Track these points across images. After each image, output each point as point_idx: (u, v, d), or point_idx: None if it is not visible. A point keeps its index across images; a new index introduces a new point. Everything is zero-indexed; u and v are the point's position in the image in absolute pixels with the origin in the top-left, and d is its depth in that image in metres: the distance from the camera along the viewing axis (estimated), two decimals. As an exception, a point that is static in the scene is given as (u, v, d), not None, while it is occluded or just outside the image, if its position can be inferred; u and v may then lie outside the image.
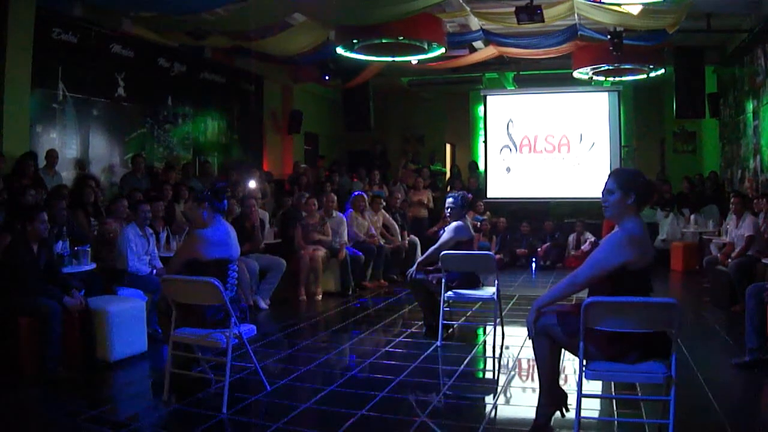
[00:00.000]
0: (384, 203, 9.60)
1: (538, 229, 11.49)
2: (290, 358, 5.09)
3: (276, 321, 6.55)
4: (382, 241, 8.95)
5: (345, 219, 8.48)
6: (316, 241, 7.95)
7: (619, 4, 7.25)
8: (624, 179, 3.12)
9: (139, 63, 8.87)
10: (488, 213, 11.66)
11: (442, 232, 5.89)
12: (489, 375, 4.93)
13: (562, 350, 3.26)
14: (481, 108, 13.55)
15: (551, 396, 3.28)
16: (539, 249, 10.99)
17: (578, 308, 2.99)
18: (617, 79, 10.88)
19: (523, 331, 4.38)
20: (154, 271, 5.90)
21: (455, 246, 5.58)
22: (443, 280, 5.38)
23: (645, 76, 10.45)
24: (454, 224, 5.72)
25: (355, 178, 11.56)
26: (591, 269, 3.05)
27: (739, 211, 7.14)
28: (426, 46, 8.48)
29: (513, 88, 13.22)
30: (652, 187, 3.27)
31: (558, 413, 3.31)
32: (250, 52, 9.62)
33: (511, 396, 4.23)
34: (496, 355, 5.28)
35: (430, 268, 5.71)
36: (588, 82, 11.25)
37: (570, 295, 3.20)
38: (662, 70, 10.17)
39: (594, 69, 10.08)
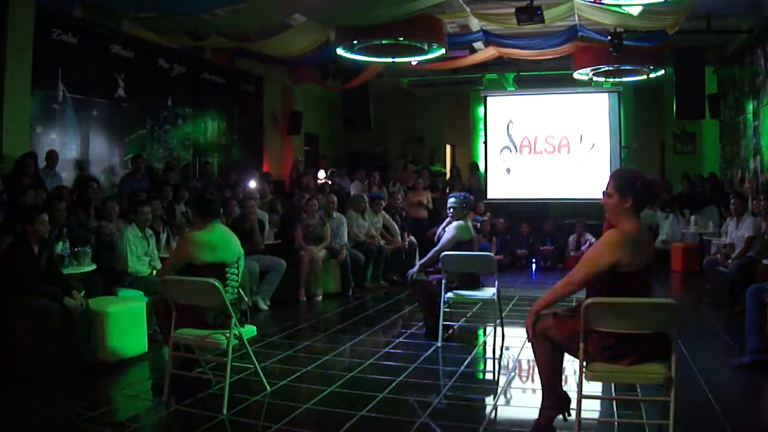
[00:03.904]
0: (384, 204, 9.60)
1: (538, 230, 11.49)
2: (290, 358, 5.09)
3: (276, 322, 6.55)
4: (382, 242, 8.95)
5: (345, 220, 8.48)
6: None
7: (619, 5, 7.25)
8: (622, 182, 3.12)
9: (139, 64, 8.86)
10: (488, 214, 11.65)
11: (442, 231, 5.89)
12: (489, 376, 4.93)
13: (564, 353, 3.26)
14: (481, 109, 13.54)
15: (554, 399, 3.27)
16: (541, 249, 11.00)
17: (576, 311, 2.99)
18: (617, 80, 10.87)
19: (523, 332, 4.38)
20: (154, 272, 5.90)
21: (456, 246, 5.58)
22: (443, 281, 5.38)
23: (645, 77, 10.44)
24: (455, 223, 5.73)
25: (355, 179, 11.56)
26: (584, 268, 3.07)
27: (739, 212, 7.14)
28: (426, 47, 8.47)
29: (513, 89, 13.23)
30: (653, 188, 3.26)
31: (560, 416, 3.31)
32: (249, 52, 9.62)
33: (511, 397, 4.23)
34: (497, 356, 5.28)
35: (431, 269, 5.71)
36: (588, 83, 11.25)
37: (567, 296, 3.20)
38: (662, 71, 10.17)
39: (594, 70, 10.08)
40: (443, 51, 8.59)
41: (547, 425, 3.28)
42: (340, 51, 8.57)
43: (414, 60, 9.16)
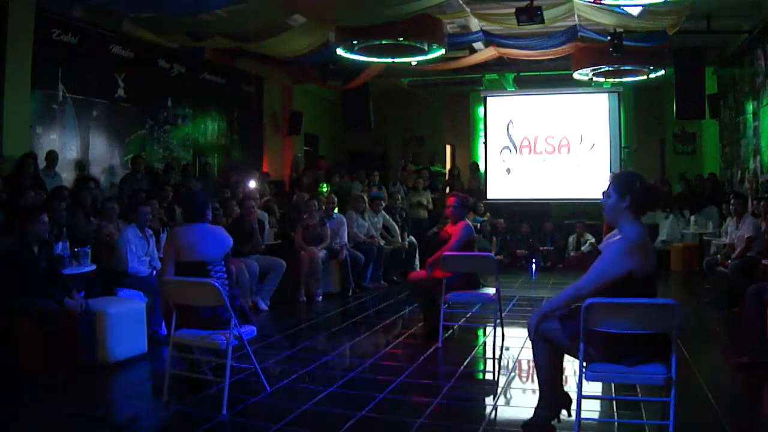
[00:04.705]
0: (384, 204, 9.60)
1: (538, 230, 11.50)
2: (290, 359, 5.09)
3: (276, 322, 6.55)
4: (381, 243, 8.95)
5: (345, 220, 8.48)
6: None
7: (619, 5, 7.25)
8: (621, 183, 3.11)
9: (139, 64, 8.87)
10: (488, 214, 11.66)
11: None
12: (489, 376, 4.93)
13: (563, 354, 3.26)
14: (481, 109, 13.55)
15: (552, 399, 3.28)
16: (541, 249, 11.01)
17: (577, 312, 3.00)
18: (617, 80, 10.87)
19: (523, 332, 4.39)
20: (154, 272, 5.89)
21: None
22: (444, 281, 5.38)
23: (645, 77, 10.45)
24: (463, 224, 5.76)
25: (354, 179, 11.56)
26: (595, 279, 3.03)
27: (739, 212, 7.14)
28: (426, 48, 8.48)
29: (513, 89, 13.22)
30: (652, 192, 3.19)
31: (561, 415, 3.33)
32: (249, 53, 9.62)
33: (511, 397, 4.23)
34: (496, 356, 5.27)
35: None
36: (588, 84, 11.24)
37: (574, 304, 3.21)
38: (662, 71, 10.16)
39: (594, 70, 10.08)
40: (443, 51, 8.59)
41: (541, 425, 3.29)
42: (340, 51, 8.58)
43: (414, 60, 9.16)
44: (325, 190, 9.90)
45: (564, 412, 3.32)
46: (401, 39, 8.08)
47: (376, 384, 4.34)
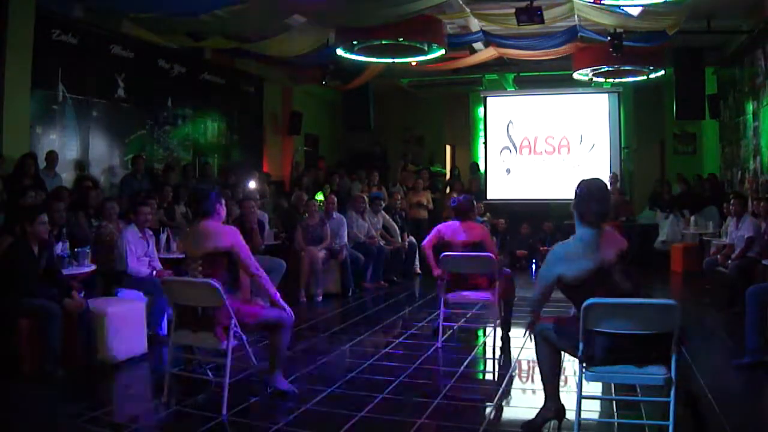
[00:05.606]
0: (384, 204, 9.60)
1: (538, 230, 11.49)
2: (290, 359, 5.07)
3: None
4: (381, 243, 8.94)
5: (345, 220, 8.48)
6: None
7: (619, 5, 7.25)
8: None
9: (139, 64, 8.86)
10: (488, 214, 11.66)
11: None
12: (489, 376, 4.93)
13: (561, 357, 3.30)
14: (481, 109, 13.55)
15: (555, 401, 3.30)
16: (541, 249, 11.00)
17: (574, 318, 3.03)
18: (617, 80, 10.87)
19: (523, 332, 4.39)
20: (154, 272, 5.89)
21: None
22: (443, 281, 5.38)
23: (645, 77, 10.45)
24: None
25: (354, 179, 11.56)
26: (537, 286, 3.24)
27: (739, 212, 7.13)
28: (426, 48, 8.48)
29: (513, 89, 13.23)
30: (586, 201, 3.17)
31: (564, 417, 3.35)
32: (250, 53, 9.62)
33: (511, 397, 4.23)
34: (496, 356, 5.28)
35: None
36: (588, 84, 11.24)
37: (537, 306, 3.36)
38: (662, 72, 10.16)
39: (594, 70, 10.08)
40: (443, 51, 8.59)
41: (539, 425, 3.31)
42: (340, 51, 8.58)
43: (414, 60, 9.16)
44: (320, 198, 9.73)
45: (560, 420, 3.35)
46: (401, 39, 8.08)
47: (376, 384, 4.34)
